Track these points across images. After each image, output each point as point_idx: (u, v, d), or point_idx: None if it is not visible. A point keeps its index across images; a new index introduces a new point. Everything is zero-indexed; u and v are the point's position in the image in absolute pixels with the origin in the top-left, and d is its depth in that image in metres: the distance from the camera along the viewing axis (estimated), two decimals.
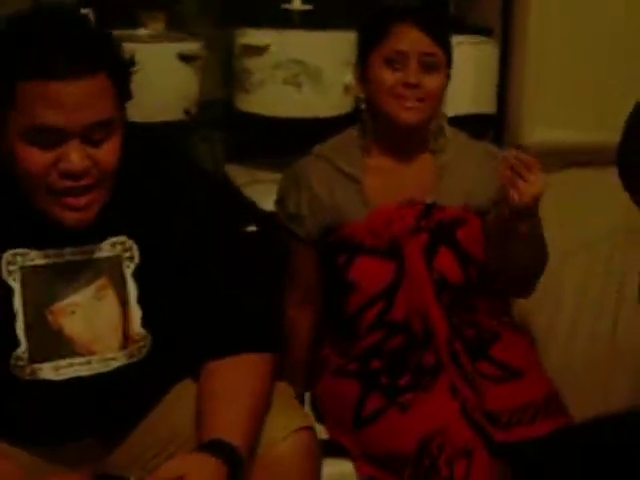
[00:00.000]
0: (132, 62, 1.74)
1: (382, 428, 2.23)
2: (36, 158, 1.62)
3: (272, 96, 2.70)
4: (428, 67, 2.28)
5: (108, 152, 1.68)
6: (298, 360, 2.45)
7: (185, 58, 2.64)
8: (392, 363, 2.32)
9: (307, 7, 2.71)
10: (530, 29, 2.86)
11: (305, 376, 2.46)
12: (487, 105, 2.88)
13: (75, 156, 1.63)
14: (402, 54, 2.27)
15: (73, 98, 1.60)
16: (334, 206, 2.35)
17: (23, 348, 1.76)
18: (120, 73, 1.71)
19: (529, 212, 2.19)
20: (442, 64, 2.32)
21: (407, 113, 2.27)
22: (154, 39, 2.65)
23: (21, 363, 1.76)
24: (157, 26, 2.72)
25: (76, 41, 1.66)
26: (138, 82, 1.75)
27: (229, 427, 1.74)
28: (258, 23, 2.70)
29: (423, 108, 2.28)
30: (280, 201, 2.43)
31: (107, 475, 1.74)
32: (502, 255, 2.31)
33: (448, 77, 2.36)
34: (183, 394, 1.93)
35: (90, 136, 1.65)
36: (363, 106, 2.40)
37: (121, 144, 1.71)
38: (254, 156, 2.70)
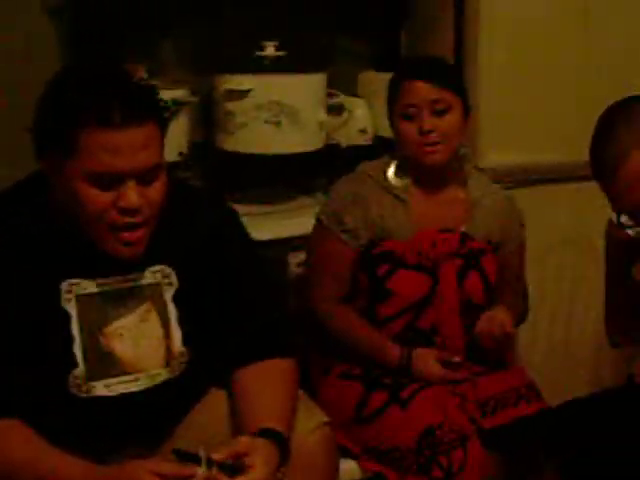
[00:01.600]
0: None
1: (384, 425, 2.35)
2: (97, 198, 1.71)
3: (254, 135, 2.75)
4: (439, 112, 2.41)
5: (157, 191, 1.78)
6: (363, 332, 2.50)
7: (178, 105, 2.72)
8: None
9: (281, 53, 2.75)
10: (481, 75, 2.97)
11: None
12: None
13: (132, 195, 1.71)
14: (414, 106, 2.41)
15: (130, 144, 1.69)
16: (384, 223, 2.47)
17: (80, 368, 1.84)
18: (163, 121, 1.84)
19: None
20: (453, 105, 2.44)
21: (429, 157, 2.42)
22: None
23: (78, 382, 1.84)
24: (139, 76, 2.73)
25: (129, 93, 1.74)
26: None
27: (276, 418, 1.84)
28: (237, 69, 2.75)
29: (443, 149, 2.43)
30: (334, 215, 2.49)
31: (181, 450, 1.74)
32: None
33: (467, 113, 2.49)
34: (209, 403, 2.04)
35: (143, 177, 1.74)
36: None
37: (166, 184, 1.80)
38: (238, 190, 2.79)
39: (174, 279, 1.95)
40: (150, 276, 1.93)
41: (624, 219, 1.96)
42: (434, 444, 2.29)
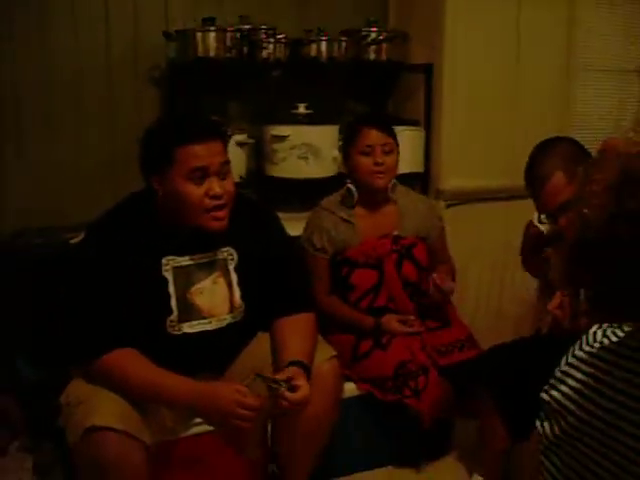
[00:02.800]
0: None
1: (371, 361, 2.38)
2: (195, 191, 1.80)
3: (290, 166, 2.77)
4: (387, 152, 2.44)
5: (230, 184, 1.87)
6: (346, 312, 2.49)
7: (240, 145, 2.77)
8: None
9: (309, 111, 2.77)
10: (442, 121, 2.97)
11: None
12: (418, 166, 2.98)
13: (216, 185, 1.82)
14: (370, 147, 2.42)
15: (209, 151, 1.80)
16: (340, 240, 2.47)
17: (174, 314, 1.90)
18: (226, 140, 1.92)
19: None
20: (394, 148, 2.46)
21: (379, 181, 2.44)
22: None
23: (173, 324, 1.90)
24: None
25: (205, 121, 1.91)
26: None
27: (303, 354, 1.88)
28: (279, 121, 2.77)
29: (387, 177, 2.45)
30: (308, 239, 2.50)
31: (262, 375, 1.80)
32: None
33: (398, 154, 2.50)
34: (257, 341, 2.06)
35: (220, 173, 1.83)
36: (348, 180, 2.51)
37: (234, 182, 1.89)
38: (279, 203, 2.77)
39: (235, 256, 1.99)
40: (220, 254, 1.98)
41: (543, 217, 2.01)
42: (405, 373, 2.32)
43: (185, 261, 1.93)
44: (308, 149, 2.77)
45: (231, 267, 1.99)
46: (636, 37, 3.38)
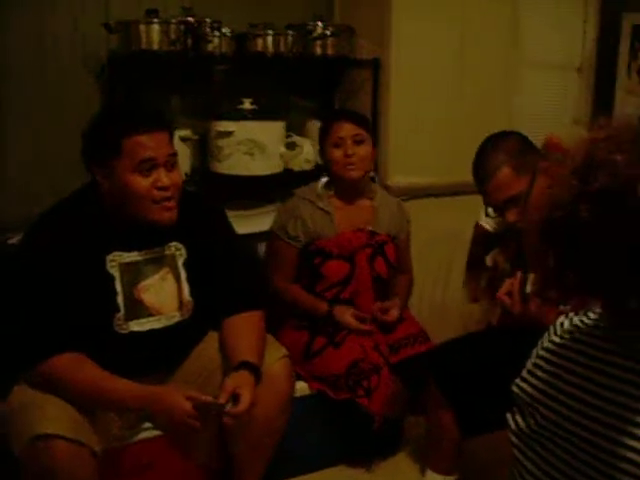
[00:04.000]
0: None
1: (324, 359, 2.38)
2: (142, 183, 1.79)
3: (236, 162, 2.74)
4: (358, 142, 2.45)
5: (177, 175, 1.86)
6: (302, 298, 2.50)
7: (184, 140, 2.71)
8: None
9: (254, 107, 2.76)
10: (389, 117, 2.97)
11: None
12: None
13: (164, 177, 1.80)
14: (341, 138, 2.43)
15: (156, 142, 1.79)
16: (315, 230, 2.46)
17: (121, 312, 1.87)
18: (172, 131, 1.89)
19: None
20: (366, 139, 2.47)
21: (351, 172, 2.44)
22: None
23: (120, 322, 1.87)
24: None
25: (151, 112, 1.88)
26: None
27: (251, 353, 1.87)
28: (224, 117, 2.74)
29: (359, 168, 2.45)
30: (281, 227, 2.50)
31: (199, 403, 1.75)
32: None
33: (374, 146, 2.52)
34: (207, 340, 2.05)
35: (168, 164, 1.81)
36: (324, 173, 2.55)
37: (181, 174, 1.87)
38: (225, 200, 2.73)
39: (184, 251, 1.97)
40: (168, 249, 1.96)
41: (490, 211, 2.03)
42: (358, 372, 2.32)
43: (132, 257, 1.90)
44: (254, 145, 2.75)
45: (180, 263, 1.97)
46: (576, 34, 3.47)
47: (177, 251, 1.96)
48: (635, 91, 3.41)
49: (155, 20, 2.57)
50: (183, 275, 1.96)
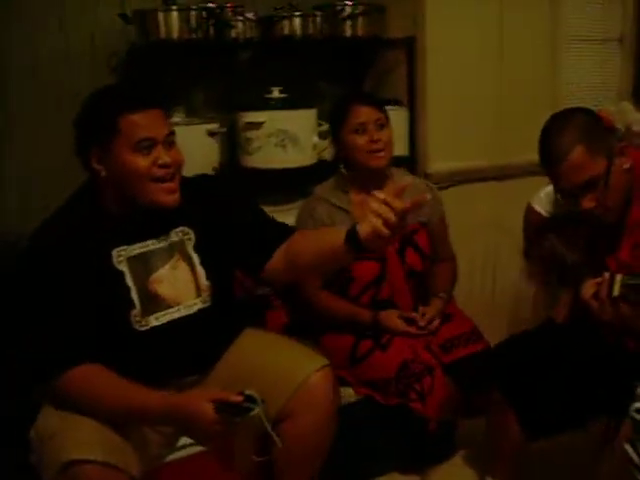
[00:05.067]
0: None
1: (371, 363, 2.27)
2: (142, 162, 1.71)
3: (267, 155, 2.65)
4: (380, 126, 2.32)
5: (177, 152, 1.79)
6: (339, 306, 2.36)
7: (211, 134, 2.63)
8: None
9: (284, 95, 2.66)
10: (427, 99, 2.86)
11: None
12: (402, 149, 2.84)
13: (164, 154, 1.73)
14: (362, 124, 2.30)
15: (152, 119, 1.73)
16: None
17: (137, 308, 1.79)
18: (166, 110, 1.83)
19: None
20: (386, 122, 2.35)
21: (379, 160, 2.31)
22: (190, 122, 2.63)
23: (137, 318, 1.79)
24: (180, 115, 2.67)
25: (144, 92, 1.81)
26: (186, 151, 1.82)
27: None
28: (253, 107, 2.64)
29: (387, 154, 2.32)
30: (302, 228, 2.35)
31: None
32: None
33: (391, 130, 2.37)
34: (244, 338, 1.98)
35: (166, 142, 1.75)
36: (341, 165, 2.39)
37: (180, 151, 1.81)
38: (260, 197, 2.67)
39: (192, 235, 1.90)
40: (175, 235, 1.88)
41: (558, 197, 1.89)
42: (409, 375, 2.21)
43: (138, 249, 1.83)
44: (285, 136, 2.64)
45: (190, 247, 1.89)
46: (616, 4, 3.38)
47: (185, 236, 1.89)
48: None
49: (174, 7, 2.47)
50: (196, 259, 1.89)
